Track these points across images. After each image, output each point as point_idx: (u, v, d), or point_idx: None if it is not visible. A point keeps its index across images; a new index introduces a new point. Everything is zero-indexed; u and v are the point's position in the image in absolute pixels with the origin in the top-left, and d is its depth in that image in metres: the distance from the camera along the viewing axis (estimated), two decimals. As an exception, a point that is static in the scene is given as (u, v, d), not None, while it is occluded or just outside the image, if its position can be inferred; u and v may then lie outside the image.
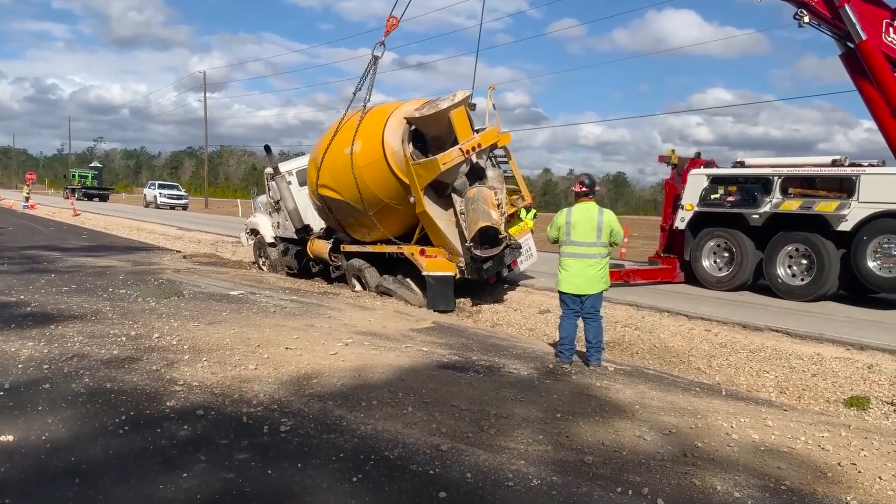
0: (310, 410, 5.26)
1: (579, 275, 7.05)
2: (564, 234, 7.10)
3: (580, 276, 7.04)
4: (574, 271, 7.07)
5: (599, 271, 7.05)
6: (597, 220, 6.98)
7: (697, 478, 4.28)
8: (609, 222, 7.01)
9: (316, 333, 7.99)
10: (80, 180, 60.09)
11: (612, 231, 7.02)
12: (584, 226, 7.00)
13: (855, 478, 4.43)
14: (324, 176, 12.19)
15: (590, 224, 6.98)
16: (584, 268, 7.02)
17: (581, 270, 7.04)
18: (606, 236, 7.01)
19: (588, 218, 7.01)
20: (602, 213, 7.06)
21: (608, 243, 7.08)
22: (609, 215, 7.09)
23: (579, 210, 7.13)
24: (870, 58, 10.80)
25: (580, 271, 7.04)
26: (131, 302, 9.60)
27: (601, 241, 7.01)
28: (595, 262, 7.03)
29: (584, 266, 7.02)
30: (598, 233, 6.98)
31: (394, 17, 12.26)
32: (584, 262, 7.03)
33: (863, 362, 7.47)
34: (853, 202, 10.26)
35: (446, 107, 10.49)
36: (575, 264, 7.07)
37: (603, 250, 7.06)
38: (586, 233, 6.99)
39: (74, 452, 4.30)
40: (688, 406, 5.89)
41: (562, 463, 4.44)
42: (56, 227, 28.21)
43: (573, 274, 7.07)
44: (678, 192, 13.13)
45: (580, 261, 7.05)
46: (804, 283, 10.93)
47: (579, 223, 7.02)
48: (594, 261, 7.03)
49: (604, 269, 7.09)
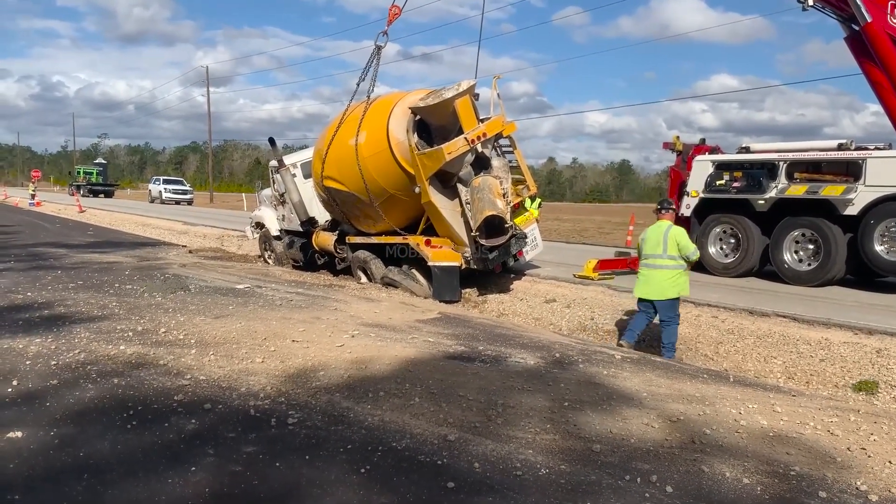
0: (317, 403, 5.27)
1: (649, 282, 8.00)
2: (640, 248, 8.21)
3: (649, 284, 7.99)
4: (645, 279, 8.06)
5: (669, 280, 7.89)
6: (664, 235, 7.90)
7: (706, 465, 4.27)
8: (674, 237, 7.89)
9: (322, 326, 7.99)
10: (85, 177, 60.26)
11: (678, 245, 7.86)
12: (653, 240, 7.99)
13: (865, 462, 4.41)
14: (329, 168, 12.17)
15: (658, 239, 7.93)
16: (654, 276, 7.95)
17: (651, 278, 7.98)
18: (674, 250, 7.86)
19: (657, 234, 7.97)
20: (670, 229, 7.97)
21: (678, 256, 7.91)
22: (675, 231, 7.99)
23: (653, 227, 8.16)
24: (875, 40, 10.70)
25: (650, 279, 8.00)
26: (138, 297, 9.62)
27: (668, 253, 7.89)
28: (663, 272, 7.91)
29: (654, 275, 7.96)
30: (664, 246, 7.88)
31: (396, 6, 12.19)
32: (653, 271, 7.97)
33: (871, 347, 7.45)
34: (860, 186, 10.20)
35: (451, 96, 10.45)
36: (646, 273, 8.06)
37: (671, 262, 7.91)
38: (654, 246, 7.96)
39: (82, 448, 4.31)
40: (695, 393, 5.87)
41: (570, 451, 4.43)
42: (62, 223, 28.30)
43: (643, 282, 8.09)
44: (683, 178, 13.08)
45: (651, 270, 8.01)
46: (811, 268, 10.88)
47: (650, 238, 8.04)
48: (663, 271, 7.92)
49: (674, 279, 7.91)
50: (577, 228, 29.39)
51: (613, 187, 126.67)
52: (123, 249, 17.65)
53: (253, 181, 57.05)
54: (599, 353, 7.47)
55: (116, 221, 29.48)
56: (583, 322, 9.67)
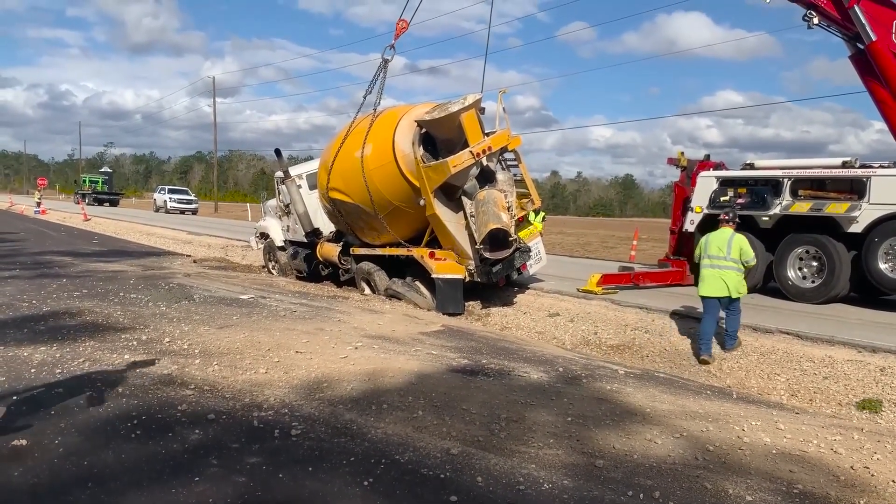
0: (320, 414, 5.28)
1: (714, 281, 8.48)
2: (703, 251, 8.68)
3: (716, 283, 8.47)
4: (709, 279, 8.53)
5: (734, 280, 8.44)
6: (728, 240, 8.52)
7: (709, 481, 4.27)
8: (738, 243, 8.52)
9: (326, 337, 8.00)
10: (91, 185, 60.42)
11: (740, 250, 8.46)
12: (716, 244, 8.59)
13: (868, 481, 4.41)
14: (334, 179, 12.22)
15: (722, 244, 8.54)
16: (718, 276, 8.47)
17: (715, 278, 8.49)
18: (736, 254, 8.44)
19: (722, 239, 8.58)
20: (734, 236, 8.61)
21: (739, 260, 8.46)
22: (739, 238, 8.61)
23: (716, 233, 8.74)
24: (880, 59, 10.73)
25: (714, 279, 8.49)
26: (142, 306, 9.64)
27: (731, 257, 8.45)
28: (727, 273, 8.45)
29: (718, 275, 8.48)
30: (728, 250, 8.47)
31: (404, 20, 12.27)
32: (716, 271, 8.49)
33: (875, 365, 7.43)
34: (864, 204, 10.19)
35: (456, 110, 10.50)
36: (709, 273, 8.53)
37: (733, 265, 8.47)
38: (718, 249, 8.54)
39: (87, 457, 4.33)
40: (699, 409, 5.87)
41: (573, 467, 4.44)
42: (67, 232, 28.39)
43: (708, 281, 8.54)
44: (687, 194, 13.09)
45: (713, 271, 8.52)
46: (815, 285, 10.87)
47: (713, 242, 8.63)
48: (726, 272, 8.45)
49: (739, 279, 8.50)
50: (580, 242, 29.40)
51: (617, 202, 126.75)
52: (128, 258, 17.70)
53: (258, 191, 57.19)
54: (603, 367, 7.48)
55: (121, 230, 29.56)
56: (586, 336, 9.67)
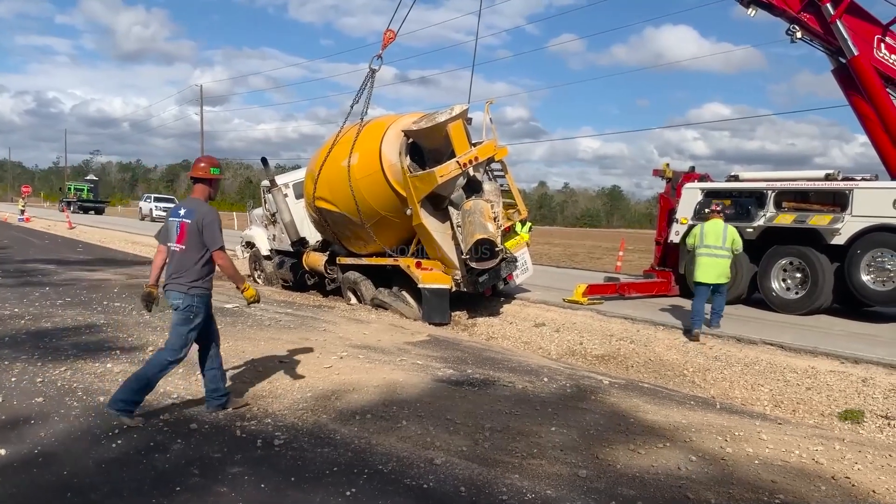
0: (304, 424, 5.25)
1: (712, 268, 9.34)
2: (699, 240, 9.46)
3: (713, 270, 9.34)
4: (706, 266, 9.37)
5: (724, 268, 9.40)
6: (723, 231, 9.41)
7: (691, 492, 4.28)
8: (731, 233, 9.46)
9: (310, 347, 7.97)
10: (76, 193, 60.00)
11: (732, 240, 9.42)
12: (713, 234, 9.43)
13: (849, 491, 4.43)
14: (321, 188, 12.21)
15: (718, 233, 9.41)
16: (715, 264, 9.34)
17: (712, 265, 9.35)
18: (729, 243, 9.38)
19: (717, 229, 9.44)
20: (726, 227, 9.48)
21: (731, 249, 9.40)
22: (731, 229, 9.54)
23: (710, 223, 9.57)
24: (862, 73, 10.88)
25: (712, 266, 9.35)
26: (126, 315, 9.58)
27: (725, 245, 9.36)
28: (722, 261, 9.38)
29: (715, 263, 9.35)
30: (723, 240, 9.37)
31: (391, 30, 12.30)
32: (714, 259, 9.34)
33: (857, 376, 7.49)
34: (846, 216, 10.30)
35: (444, 120, 10.53)
36: (707, 261, 9.38)
37: (726, 253, 9.39)
38: (715, 239, 9.39)
39: (67, 466, 4.29)
40: (682, 420, 5.89)
41: (556, 477, 4.44)
42: (51, 240, 28.16)
43: (706, 268, 9.38)
44: (673, 205, 13.18)
45: (711, 259, 9.35)
46: (798, 296, 10.95)
47: (710, 233, 9.45)
48: (721, 259, 9.37)
49: (728, 266, 9.49)
50: (567, 253, 29.48)
51: (604, 212, 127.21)
52: (113, 267, 17.58)
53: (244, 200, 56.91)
54: (588, 378, 7.49)
55: (106, 238, 29.34)
56: (572, 347, 9.69)
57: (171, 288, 5.28)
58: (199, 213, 5.31)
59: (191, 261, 5.27)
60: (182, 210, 5.43)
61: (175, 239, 5.33)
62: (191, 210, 5.37)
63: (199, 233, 5.26)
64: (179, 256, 5.30)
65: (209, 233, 5.27)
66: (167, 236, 5.41)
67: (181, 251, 5.30)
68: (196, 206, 5.39)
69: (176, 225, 5.35)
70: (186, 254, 5.28)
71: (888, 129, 10.96)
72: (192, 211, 5.35)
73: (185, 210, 5.40)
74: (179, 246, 5.31)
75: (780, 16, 11.21)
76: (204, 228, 5.27)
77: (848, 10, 10.78)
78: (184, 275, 5.27)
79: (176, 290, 5.26)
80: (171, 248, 5.35)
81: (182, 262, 5.29)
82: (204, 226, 5.27)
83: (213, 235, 5.28)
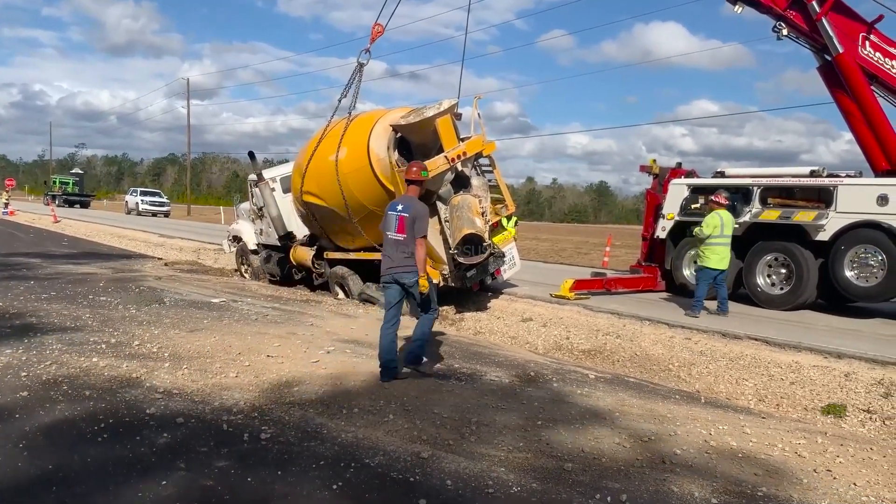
0: (290, 418, 5.26)
1: (726, 257, 10.18)
2: (719, 230, 10.08)
3: (726, 258, 10.20)
4: (722, 255, 10.14)
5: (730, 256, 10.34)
6: (731, 222, 10.32)
7: (675, 484, 4.32)
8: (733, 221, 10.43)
9: (297, 341, 7.97)
10: (61, 187, 59.48)
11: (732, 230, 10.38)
12: (730, 223, 10.28)
13: (830, 484, 4.49)
14: (308, 183, 12.17)
15: (731, 222, 10.33)
16: (728, 252, 10.25)
17: (726, 254, 10.20)
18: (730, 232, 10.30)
19: (730, 219, 10.32)
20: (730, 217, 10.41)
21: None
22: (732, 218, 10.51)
23: (724, 212, 10.28)
24: (846, 70, 10.97)
25: (727, 254, 10.20)
26: (111, 309, 9.53)
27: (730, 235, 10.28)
28: (729, 250, 10.27)
29: (728, 251, 10.24)
30: (731, 230, 10.27)
31: (379, 24, 12.28)
32: (726, 248, 10.20)
33: (840, 370, 7.57)
34: (831, 212, 10.39)
35: (432, 115, 10.52)
36: (723, 250, 10.15)
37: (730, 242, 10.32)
38: (729, 228, 10.24)
39: (52, 460, 4.27)
40: (667, 414, 5.94)
41: (542, 470, 4.47)
42: (36, 233, 27.94)
43: (722, 257, 10.14)
44: (659, 201, 13.24)
45: (725, 248, 10.17)
46: (783, 291, 11.04)
47: (728, 222, 10.24)
48: (729, 248, 10.27)
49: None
50: (555, 248, 29.57)
51: (592, 208, 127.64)
52: (98, 261, 17.47)
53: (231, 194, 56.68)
54: (574, 372, 7.54)
55: (92, 232, 29.14)
56: (558, 341, 9.73)
57: (400, 271, 6.51)
58: (414, 209, 6.52)
59: (409, 246, 6.50)
60: (399, 206, 6.66)
61: (395, 229, 6.57)
62: (407, 206, 6.59)
63: (413, 224, 6.46)
64: (401, 244, 6.54)
65: (420, 224, 6.48)
66: (386, 227, 6.69)
67: (402, 240, 6.53)
68: (412, 203, 6.63)
69: (395, 217, 6.59)
70: (406, 241, 6.51)
71: (872, 126, 11.06)
72: (409, 206, 6.57)
73: (403, 206, 6.63)
74: (401, 235, 6.53)
75: (766, 13, 11.28)
76: (416, 220, 6.46)
77: (833, 7, 10.86)
78: (409, 259, 6.49)
79: (406, 272, 6.50)
80: (392, 236, 6.60)
81: (404, 248, 6.52)
82: (416, 218, 6.47)
83: (421, 226, 6.48)
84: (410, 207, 6.53)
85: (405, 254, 6.49)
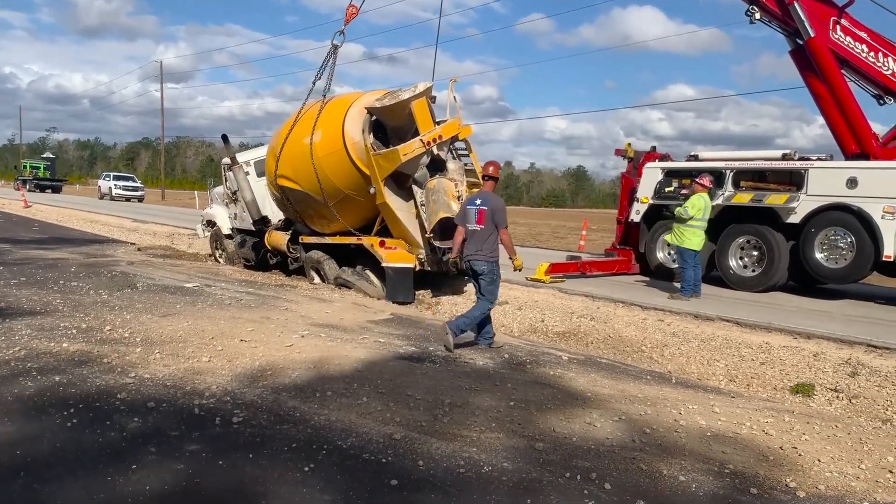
0: (263, 402, 5.24)
1: (703, 238, 10.37)
2: (704, 213, 10.22)
3: (703, 239, 10.38)
4: (702, 236, 10.31)
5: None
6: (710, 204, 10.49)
7: (644, 462, 4.38)
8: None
9: (272, 325, 7.94)
10: (32, 171, 58.53)
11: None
12: (709, 208, 10.42)
13: (795, 461, 4.58)
14: (283, 166, 12.06)
15: (709, 207, 10.42)
16: (703, 235, 10.38)
17: (703, 235, 10.38)
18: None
19: (709, 203, 10.46)
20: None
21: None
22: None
23: (706, 195, 10.40)
24: (818, 54, 11.07)
25: (703, 236, 10.36)
26: (83, 294, 9.42)
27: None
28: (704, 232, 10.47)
29: (703, 234, 10.37)
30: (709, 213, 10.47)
31: (353, 6, 12.13)
32: (704, 230, 10.36)
33: (809, 350, 7.70)
34: (802, 195, 10.53)
35: (407, 97, 10.48)
36: (703, 232, 10.32)
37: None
38: (709, 212, 10.40)
39: (20, 447, 4.22)
40: (638, 394, 6.01)
41: (513, 450, 4.51)
42: (6, 218, 27.49)
43: (701, 238, 10.32)
44: (634, 185, 13.33)
45: (703, 230, 10.31)
46: (755, 274, 11.20)
47: (709, 205, 10.44)
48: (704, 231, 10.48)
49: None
50: (532, 232, 29.67)
51: (569, 192, 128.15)
52: (70, 246, 17.23)
53: (206, 178, 56.07)
54: (548, 354, 7.60)
55: (64, 217, 28.72)
56: (533, 324, 9.78)
57: (475, 259, 7.36)
58: (492, 202, 7.34)
59: (487, 237, 7.28)
60: (478, 200, 7.45)
61: (475, 221, 7.35)
62: (485, 200, 7.38)
63: (493, 216, 7.25)
64: (479, 234, 7.32)
65: (499, 216, 7.30)
66: (465, 219, 7.48)
67: (480, 230, 7.30)
68: (489, 197, 7.44)
69: (474, 211, 7.38)
70: (484, 232, 7.29)
71: (842, 109, 11.19)
72: (487, 200, 7.36)
73: (481, 200, 7.42)
74: (480, 226, 7.30)
75: (739, -3, 11.33)
76: (495, 213, 7.27)
77: (805, -9, 10.94)
78: (483, 248, 7.30)
79: (480, 260, 7.34)
80: (471, 228, 7.38)
81: (481, 238, 7.31)
82: (495, 211, 7.28)
83: (502, 218, 7.31)
84: (489, 201, 7.34)
85: (481, 243, 7.28)
